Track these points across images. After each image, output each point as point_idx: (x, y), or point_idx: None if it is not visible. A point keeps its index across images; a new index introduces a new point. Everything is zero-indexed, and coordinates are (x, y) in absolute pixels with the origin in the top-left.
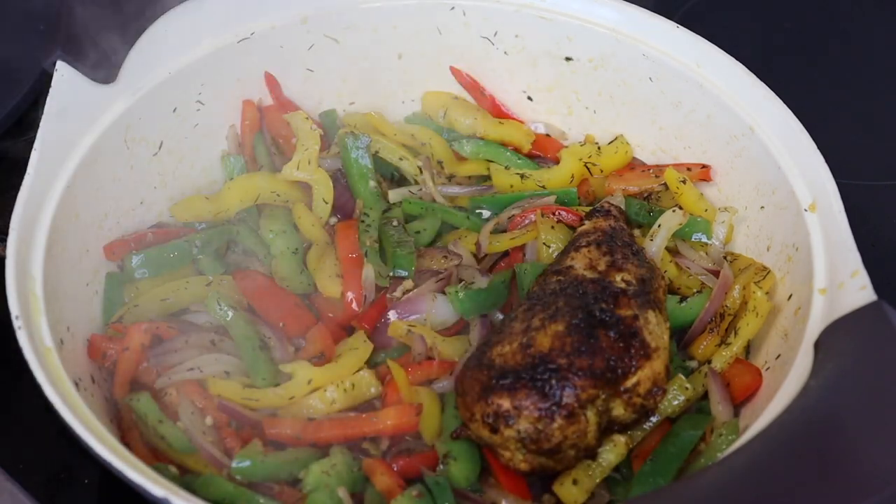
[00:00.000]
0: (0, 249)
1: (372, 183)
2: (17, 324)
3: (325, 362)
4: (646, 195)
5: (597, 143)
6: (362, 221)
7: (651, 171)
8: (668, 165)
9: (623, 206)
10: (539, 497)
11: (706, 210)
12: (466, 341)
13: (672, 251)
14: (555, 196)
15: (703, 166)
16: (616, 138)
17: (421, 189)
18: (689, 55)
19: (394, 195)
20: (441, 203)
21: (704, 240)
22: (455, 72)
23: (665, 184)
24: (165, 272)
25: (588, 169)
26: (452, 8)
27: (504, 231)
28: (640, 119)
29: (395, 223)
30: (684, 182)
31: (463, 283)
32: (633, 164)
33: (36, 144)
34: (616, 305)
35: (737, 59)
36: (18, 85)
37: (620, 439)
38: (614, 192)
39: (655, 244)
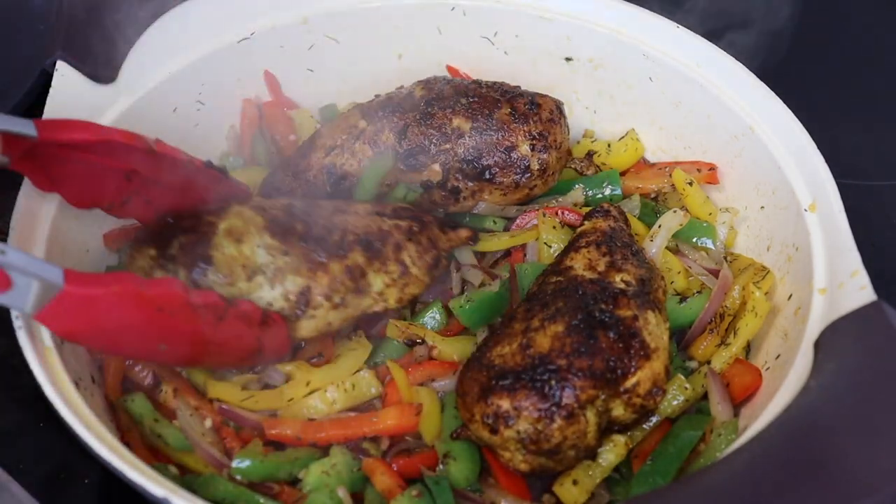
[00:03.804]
0: None
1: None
2: (17, 324)
3: (324, 363)
4: (654, 195)
5: (607, 142)
6: None
7: (667, 169)
8: (677, 163)
9: (637, 211)
10: (539, 497)
11: (710, 214)
12: (467, 342)
13: (673, 251)
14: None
15: (711, 168)
16: (627, 134)
17: None
18: (689, 55)
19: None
20: None
21: (710, 245)
22: (452, 71)
23: (673, 185)
24: None
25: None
26: (452, 8)
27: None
28: (640, 119)
29: None
30: (691, 184)
31: (467, 294)
32: (642, 163)
33: None
34: (615, 306)
35: (737, 59)
36: (18, 85)
37: (620, 439)
38: (631, 191)
39: (655, 244)
